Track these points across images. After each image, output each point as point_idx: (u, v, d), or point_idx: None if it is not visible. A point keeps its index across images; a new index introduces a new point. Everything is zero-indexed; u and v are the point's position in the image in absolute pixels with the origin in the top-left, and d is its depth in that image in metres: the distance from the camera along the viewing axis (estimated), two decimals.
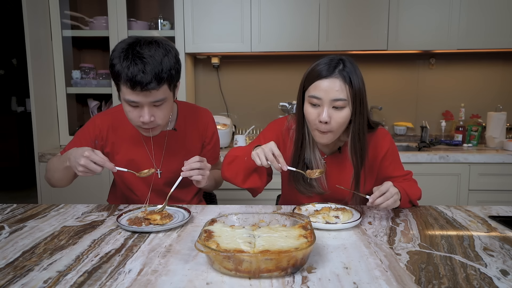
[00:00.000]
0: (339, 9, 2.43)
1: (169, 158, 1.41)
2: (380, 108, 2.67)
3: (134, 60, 1.11)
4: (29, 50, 2.28)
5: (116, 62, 1.14)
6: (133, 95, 1.14)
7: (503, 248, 0.95)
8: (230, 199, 2.25)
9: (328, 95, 1.14)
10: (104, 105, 2.65)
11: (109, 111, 1.43)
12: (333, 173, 1.33)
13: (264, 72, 2.84)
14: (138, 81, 1.10)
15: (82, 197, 2.29)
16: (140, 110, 1.18)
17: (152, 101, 1.16)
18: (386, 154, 1.33)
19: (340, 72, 1.15)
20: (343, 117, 1.17)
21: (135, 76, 1.10)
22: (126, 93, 1.15)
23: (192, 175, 1.21)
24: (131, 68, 1.10)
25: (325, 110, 1.15)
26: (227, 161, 1.31)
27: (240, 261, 0.77)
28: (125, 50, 1.14)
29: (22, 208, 1.29)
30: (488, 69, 2.76)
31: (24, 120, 4.73)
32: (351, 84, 1.15)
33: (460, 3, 2.40)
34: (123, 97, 1.17)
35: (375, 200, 1.13)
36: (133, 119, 1.21)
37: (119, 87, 1.18)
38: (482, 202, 2.26)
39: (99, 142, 1.38)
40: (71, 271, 0.82)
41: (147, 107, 1.17)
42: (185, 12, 2.44)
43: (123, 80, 1.13)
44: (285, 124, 1.38)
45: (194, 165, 1.20)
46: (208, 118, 1.50)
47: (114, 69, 1.15)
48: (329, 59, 1.18)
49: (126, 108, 1.20)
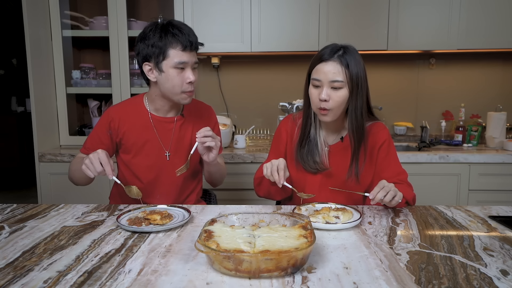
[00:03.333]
0: (339, 9, 2.43)
1: (176, 142, 1.50)
2: (380, 108, 2.67)
3: (179, 29, 1.35)
4: (29, 50, 2.28)
5: (158, 36, 1.33)
6: (184, 56, 1.35)
7: (503, 248, 0.95)
8: (230, 199, 2.25)
9: (327, 76, 1.28)
10: (104, 105, 2.65)
11: (121, 103, 1.55)
12: (336, 162, 1.41)
13: (264, 72, 2.84)
14: (190, 41, 1.34)
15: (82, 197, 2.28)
16: (185, 73, 1.37)
17: (195, 61, 1.39)
18: (383, 144, 1.40)
19: (339, 57, 1.28)
20: (341, 97, 1.28)
21: (188, 37, 1.34)
22: (176, 56, 1.34)
23: (206, 141, 1.32)
24: (181, 34, 1.34)
25: (324, 90, 1.28)
26: (255, 183, 1.48)
27: (240, 261, 0.77)
28: (163, 26, 1.36)
29: (22, 208, 1.29)
30: (488, 69, 2.76)
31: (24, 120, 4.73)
32: (348, 67, 1.27)
33: (460, 3, 2.40)
34: (172, 62, 1.34)
35: (376, 195, 1.15)
36: (179, 83, 1.37)
37: (165, 56, 1.34)
38: (482, 202, 2.26)
39: (113, 132, 1.48)
40: (71, 271, 0.82)
41: (191, 68, 1.38)
42: (185, 12, 2.44)
43: (175, 44, 1.33)
44: (290, 118, 1.51)
45: (207, 133, 1.32)
46: (210, 110, 1.63)
47: (161, 41, 1.33)
48: (332, 45, 1.32)
49: (172, 74, 1.35)
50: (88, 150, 1.46)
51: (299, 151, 1.41)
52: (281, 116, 2.62)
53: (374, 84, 2.73)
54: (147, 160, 1.48)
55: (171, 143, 1.49)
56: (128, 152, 1.48)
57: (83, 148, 1.50)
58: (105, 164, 1.23)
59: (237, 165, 2.27)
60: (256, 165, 2.22)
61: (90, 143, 1.48)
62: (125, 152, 1.49)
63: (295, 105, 2.53)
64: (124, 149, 1.49)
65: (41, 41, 2.38)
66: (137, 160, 1.48)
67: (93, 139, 1.48)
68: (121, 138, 1.48)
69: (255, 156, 2.26)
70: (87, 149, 1.47)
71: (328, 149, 1.41)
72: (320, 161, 1.39)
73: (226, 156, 2.24)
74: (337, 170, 1.40)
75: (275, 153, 1.51)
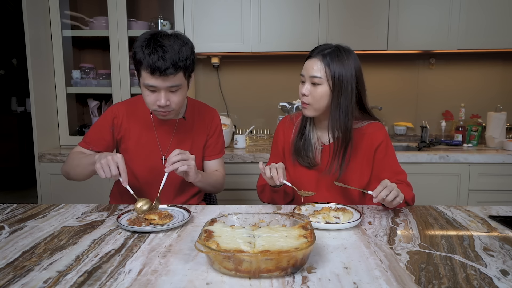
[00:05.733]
0: (339, 9, 2.43)
1: (176, 145, 1.47)
2: (380, 108, 2.67)
3: (155, 48, 1.24)
4: (29, 50, 2.28)
5: (139, 50, 1.26)
6: (152, 80, 1.26)
7: (503, 248, 0.95)
8: (230, 199, 2.25)
9: (308, 72, 1.33)
10: (104, 105, 2.65)
11: (125, 101, 1.55)
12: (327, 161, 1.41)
13: (264, 72, 2.84)
14: (158, 67, 1.23)
15: (82, 197, 2.29)
16: (157, 95, 1.30)
17: (168, 86, 1.28)
18: (380, 145, 1.40)
19: (323, 55, 1.31)
20: (319, 93, 1.31)
21: (155, 62, 1.23)
22: (146, 78, 1.27)
23: (177, 167, 1.23)
24: (152, 55, 1.23)
25: (305, 85, 1.33)
26: (258, 191, 1.48)
27: (240, 261, 0.77)
28: (147, 39, 1.27)
29: (22, 208, 1.29)
30: (488, 69, 2.76)
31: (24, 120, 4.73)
32: (329, 66, 1.29)
33: (460, 3, 2.40)
34: (143, 82, 1.29)
35: (380, 194, 1.15)
36: (150, 103, 1.32)
37: (140, 73, 1.30)
38: (482, 202, 2.26)
39: (115, 129, 1.47)
40: (71, 271, 0.82)
41: (164, 92, 1.29)
42: (185, 12, 2.44)
43: (144, 66, 1.25)
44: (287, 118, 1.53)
45: (174, 158, 1.23)
46: (215, 113, 1.60)
47: (136, 56, 1.27)
48: (324, 44, 1.35)
49: (145, 93, 1.31)
50: (89, 144, 1.45)
51: (295, 143, 1.44)
52: (281, 116, 2.62)
53: (374, 84, 2.75)
54: (144, 161, 1.47)
55: (170, 146, 1.48)
56: (127, 151, 1.47)
57: (82, 142, 1.48)
58: (122, 170, 1.21)
59: (237, 165, 2.27)
60: (256, 165, 2.22)
61: (91, 137, 1.47)
62: (124, 150, 1.48)
63: (295, 105, 2.53)
64: (123, 148, 1.49)
65: (41, 41, 2.38)
66: (135, 160, 1.47)
67: (94, 134, 1.47)
68: (122, 136, 1.47)
69: (255, 156, 2.26)
70: (88, 143, 1.46)
71: (321, 148, 1.43)
72: (313, 156, 1.41)
73: (226, 156, 2.23)
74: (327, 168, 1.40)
75: (275, 154, 1.52)
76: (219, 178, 1.55)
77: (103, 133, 1.46)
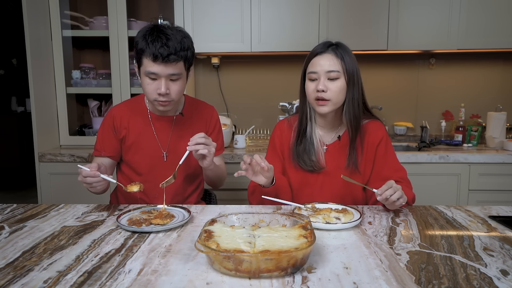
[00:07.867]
0: (339, 9, 2.43)
1: (175, 142, 1.49)
2: (380, 108, 2.67)
3: (159, 36, 1.27)
4: (29, 50, 2.28)
5: (141, 40, 1.28)
6: (154, 66, 1.28)
7: (503, 248, 0.95)
8: (230, 199, 2.25)
9: (323, 68, 1.31)
10: (104, 105, 2.65)
11: (123, 102, 1.57)
12: (333, 161, 1.40)
13: (264, 72, 2.84)
14: (160, 53, 1.25)
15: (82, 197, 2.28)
16: (158, 83, 1.31)
17: (169, 74, 1.29)
18: (380, 142, 1.41)
19: (333, 49, 1.33)
20: (338, 87, 1.31)
21: (159, 48, 1.25)
22: (147, 65, 1.29)
23: (198, 149, 1.27)
24: (156, 42, 1.26)
25: (321, 81, 1.31)
26: (249, 191, 1.44)
27: (240, 261, 0.77)
28: (150, 29, 1.30)
29: (22, 208, 1.29)
30: (488, 69, 2.76)
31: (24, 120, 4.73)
32: (343, 59, 1.31)
33: (460, 3, 2.40)
34: (144, 70, 1.30)
35: (385, 192, 1.15)
36: (151, 92, 1.33)
37: (141, 62, 1.31)
38: (482, 202, 2.26)
39: (116, 130, 1.49)
40: (71, 271, 0.82)
41: (164, 80, 1.30)
42: (185, 12, 2.44)
43: (147, 53, 1.27)
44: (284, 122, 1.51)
45: (199, 140, 1.27)
46: (213, 110, 1.62)
47: (139, 45, 1.29)
48: (324, 41, 1.37)
49: (146, 82, 1.32)
50: (100, 152, 1.49)
51: (295, 148, 1.42)
52: (281, 116, 2.62)
53: (374, 84, 2.75)
54: (145, 159, 1.48)
55: (169, 143, 1.49)
56: (128, 150, 1.49)
57: (95, 151, 1.51)
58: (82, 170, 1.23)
59: (237, 165, 2.26)
60: None
61: (100, 145, 1.50)
62: (125, 150, 1.49)
63: (295, 105, 2.53)
64: (126, 146, 1.49)
65: (41, 41, 2.38)
66: (136, 159, 1.48)
67: (102, 140, 1.49)
68: (123, 136, 1.49)
69: None
70: (99, 151, 1.49)
71: (326, 148, 1.42)
72: (316, 159, 1.40)
73: (226, 156, 2.24)
74: (334, 169, 1.40)
75: (272, 158, 1.48)
76: (224, 172, 1.61)
77: (109, 138, 1.48)
